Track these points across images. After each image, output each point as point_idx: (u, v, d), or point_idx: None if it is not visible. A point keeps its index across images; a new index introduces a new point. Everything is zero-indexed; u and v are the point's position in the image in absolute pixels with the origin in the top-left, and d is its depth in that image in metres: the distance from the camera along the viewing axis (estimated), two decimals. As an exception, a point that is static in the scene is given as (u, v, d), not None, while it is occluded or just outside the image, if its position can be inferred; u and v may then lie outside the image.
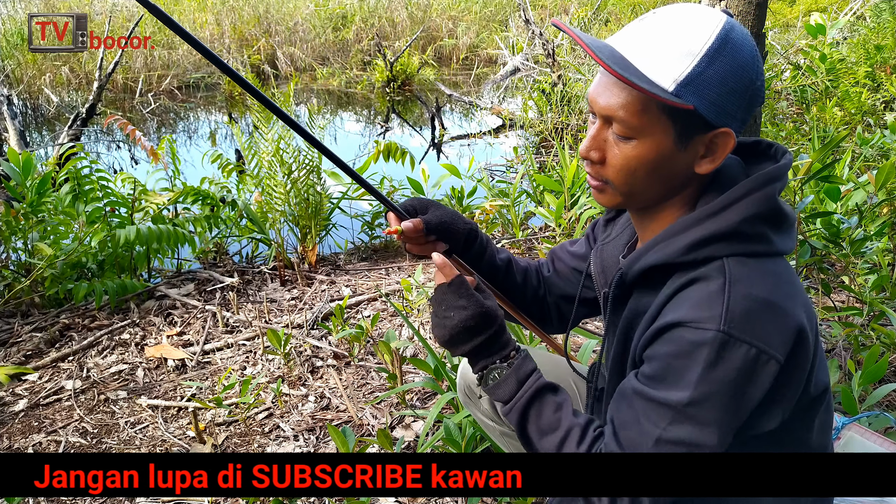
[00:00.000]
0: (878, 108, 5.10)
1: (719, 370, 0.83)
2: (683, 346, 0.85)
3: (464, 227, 1.17)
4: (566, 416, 0.98)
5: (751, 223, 0.89)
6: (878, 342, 2.03)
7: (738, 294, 0.85)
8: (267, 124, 3.20)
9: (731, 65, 0.85)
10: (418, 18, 10.86)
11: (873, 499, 1.13)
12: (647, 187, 0.94)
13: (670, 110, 0.87)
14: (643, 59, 0.86)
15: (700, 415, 0.85)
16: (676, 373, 0.86)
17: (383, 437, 1.71)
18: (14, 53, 7.92)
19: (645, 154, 0.90)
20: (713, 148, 0.91)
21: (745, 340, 0.83)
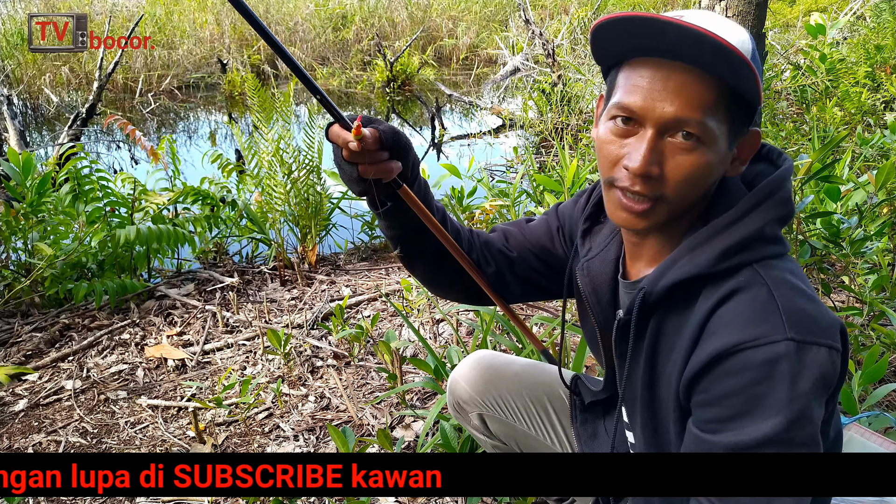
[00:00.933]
0: (878, 108, 5.09)
1: (803, 381, 0.77)
2: (757, 369, 0.78)
3: (413, 152, 1.03)
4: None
5: (772, 226, 0.86)
6: (878, 342, 2.03)
7: (785, 297, 0.80)
8: (267, 124, 3.20)
9: (760, 67, 0.85)
10: (418, 18, 10.87)
11: (873, 499, 1.13)
12: (696, 198, 0.87)
13: (732, 108, 0.82)
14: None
15: (800, 435, 0.78)
16: (759, 400, 0.78)
17: (383, 437, 1.71)
18: (14, 53, 7.92)
19: (710, 160, 0.83)
20: (743, 149, 0.88)
21: (814, 342, 0.78)
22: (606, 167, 0.88)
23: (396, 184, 0.99)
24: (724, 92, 0.81)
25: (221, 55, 9.19)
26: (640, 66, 0.84)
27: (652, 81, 0.82)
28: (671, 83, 0.81)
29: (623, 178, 0.85)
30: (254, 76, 3.54)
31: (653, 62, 0.83)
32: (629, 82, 0.84)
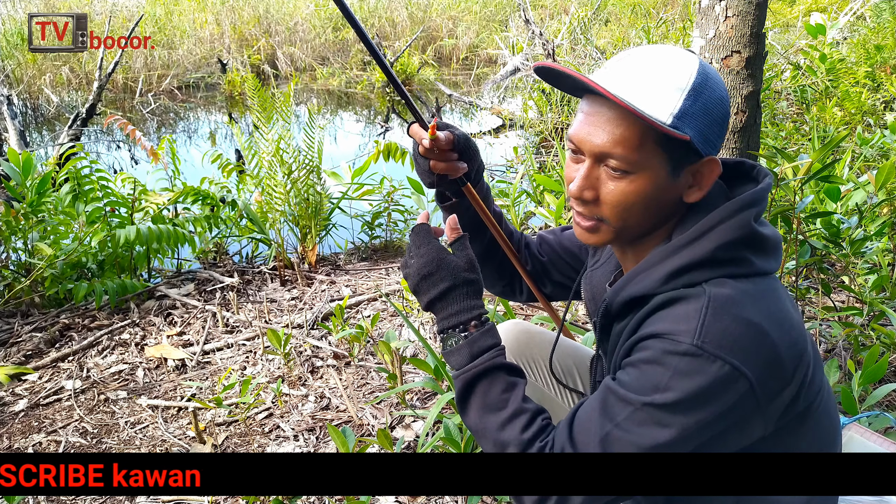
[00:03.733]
0: (878, 108, 5.10)
1: (688, 380, 0.84)
2: (656, 354, 0.86)
3: (479, 157, 1.20)
4: (516, 398, 0.96)
5: (726, 249, 0.90)
6: (878, 342, 2.03)
7: (715, 311, 0.85)
8: (267, 124, 3.20)
9: (713, 97, 0.90)
10: (418, 18, 10.87)
11: (873, 498, 1.13)
12: (641, 220, 0.95)
13: (666, 143, 0.89)
14: (637, 94, 0.88)
15: (659, 416, 0.85)
16: (646, 376, 0.87)
17: (383, 437, 1.71)
18: (14, 53, 7.92)
19: (642, 188, 0.91)
20: (700, 177, 0.94)
21: (717, 356, 0.83)
22: (566, 188, 1.01)
23: (462, 181, 1.14)
24: (649, 128, 0.88)
25: (221, 55, 9.19)
26: (584, 101, 0.95)
27: (587, 115, 0.93)
28: (601, 118, 0.91)
29: (571, 199, 0.98)
30: (254, 76, 3.54)
31: (591, 98, 0.93)
32: (578, 114, 0.95)
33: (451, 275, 1.01)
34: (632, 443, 0.86)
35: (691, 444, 0.86)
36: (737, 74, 2.01)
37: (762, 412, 0.87)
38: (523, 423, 0.93)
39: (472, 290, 1.02)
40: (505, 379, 0.98)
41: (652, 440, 0.85)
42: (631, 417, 0.86)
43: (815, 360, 0.95)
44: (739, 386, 0.84)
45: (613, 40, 7.85)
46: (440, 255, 1.02)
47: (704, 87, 0.89)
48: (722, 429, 0.87)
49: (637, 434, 0.86)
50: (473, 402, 0.97)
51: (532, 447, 0.92)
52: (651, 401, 0.85)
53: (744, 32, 1.98)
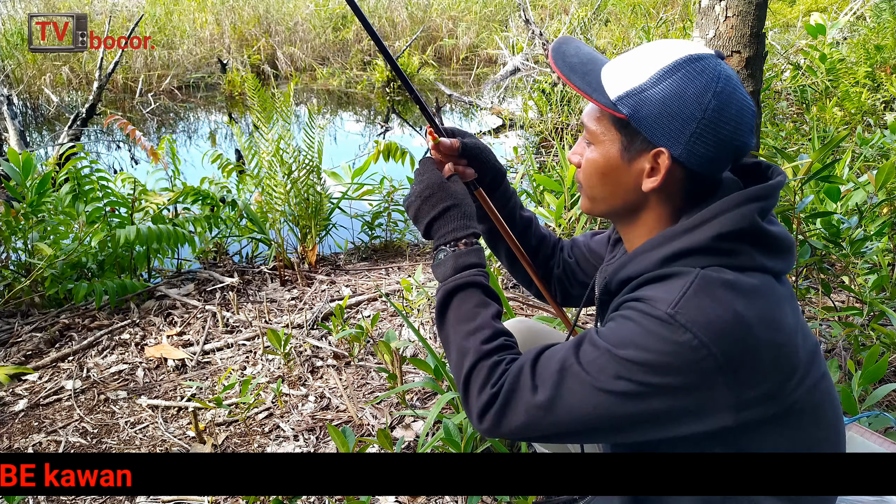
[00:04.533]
0: (878, 108, 5.10)
1: (654, 342, 0.86)
2: (633, 313, 0.90)
3: (494, 164, 1.24)
4: (486, 314, 1.01)
5: (724, 240, 0.91)
6: (878, 342, 2.03)
7: (698, 289, 0.87)
8: (267, 124, 3.20)
9: (677, 89, 0.91)
10: (418, 18, 10.86)
11: (873, 498, 1.13)
12: (604, 194, 1.01)
13: (617, 122, 0.95)
14: (608, 74, 0.96)
15: (619, 368, 0.87)
16: (618, 330, 0.90)
17: (383, 437, 1.71)
18: (14, 53, 7.92)
19: (597, 159, 0.99)
20: (656, 167, 0.95)
21: (688, 328, 0.85)
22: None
23: (473, 186, 1.18)
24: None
25: (221, 55, 9.19)
26: None
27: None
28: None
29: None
30: (254, 76, 3.54)
31: None
32: None
33: (450, 196, 1.09)
34: (586, 382, 0.89)
35: (643, 405, 0.87)
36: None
37: (727, 399, 0.87)
38: (486, 336, 0.99)
39: (467, 211, 1.10)
40: (481, 297, 1.04)
41: (605, 386, 0.88)
42: (594, 361, 0.89)
43: (815, 372, 0.93)
44: (705, 364, 0.85)
45: (613, 40, 7.85)
46: (440, 180, 1.10)
47: (671, 74, 0.91)
48: (680, 402, 0.87)
49: (593, 377, 0.89)
50: (449, 313, 1.04)
51: (489, 358, 0.97)
52: (616, 351, 0.88)
53: (744, 32, 1.98)
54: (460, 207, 1.09)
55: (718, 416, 0.88)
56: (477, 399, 0.95)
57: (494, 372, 0.96)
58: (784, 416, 0.91)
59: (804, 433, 0.94)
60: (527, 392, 0.92)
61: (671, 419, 0.89)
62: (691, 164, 0.93)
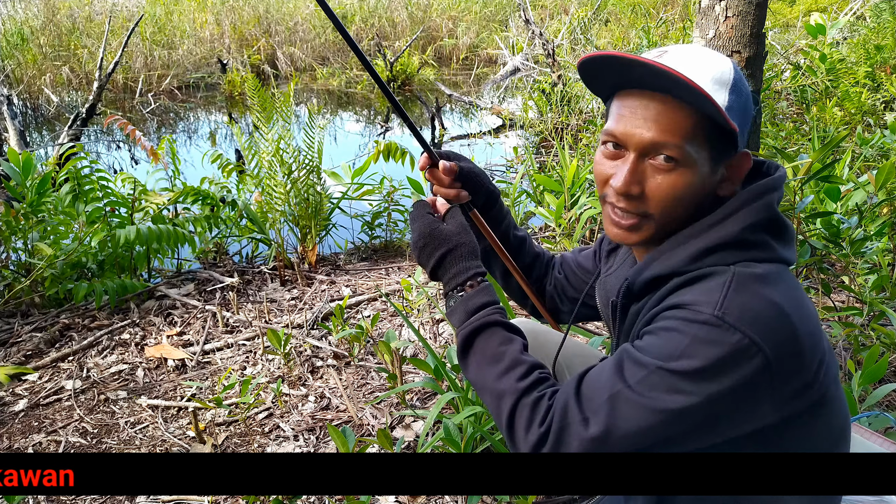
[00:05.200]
0: (878, 108, 5.09)
1: (705, 349, 0.83)
2: (676, 322, 0.86)
3: (488, 186, 1.25)
4: (513, 350, 0.98)
5: (753, 231, 0.91)
6: (878, 342, 2.03)
7: (738, 286, 0.86)
8: (267, 124, 3.20)
9: (745, 95, 0.94)
10: (418, 18, 10.87)
11: (873, 498, 1.13)
12: (683, 215, 0.95)
13: (712, 135, 0.91)
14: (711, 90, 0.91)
15: (672, 381, 0.84)
16: (664, 343, 0.86)
17: (383, 437, 1.71)
18: (14, 53, 7.92)
19: (690, 180, 0.92)
20: (732, 171, 0.96)
21: (737, 328, 0.83)
22: (599, 185, 0.99)
23: (468, 207, 1.18)
24: (702, 120, 0.90)
25: (221, 55, 9.19)
26: (626, 97, 0.94)
27: (633, 110, 0.93)
28: (649, 112, 0.91)
29: (611, 195, 0.97)
30: (254, 76, 3.54)
31: (636, 93, 0.93)
32: (616, 111, 0.95)
33: (444, 242, 1.07)
34: (641, 405, 0.85)
35: (701, 414, 0.85)
36: None
37: (774, 393, 0.86)
38: (520, 374, 0.95)
39: (465, 252, 1.07)
40: (502, 333, 1.01)
41: (662, 404, 0.84)
42: (644, 380, 0.85)
43: (831, 358, 0.94)
44: (756, 361, 0.83)
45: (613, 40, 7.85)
46: (431, 226, 1.08)
47: (740, 83, 0.93)
48: (732, 404, 0.85)
49: (648, 398, 0.85)
50: (472, 357, 1.01)
51: (529, 395, 0.93)
52: (666, 366, 0.84)
53: (744, 32, 1.98)
54: (457, 250, 1.06)
55: (766, 410, 0.88)
56: (525, 440, 0.91)
57: (538, 409, 0.91)
58: (818, 405, 0.92)
59: (831, 423, 0.96)
60: (578, 427, 0.87)
61: (727, 423, 0.88)
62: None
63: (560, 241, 3.25)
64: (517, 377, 0.95)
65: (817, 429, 0.94)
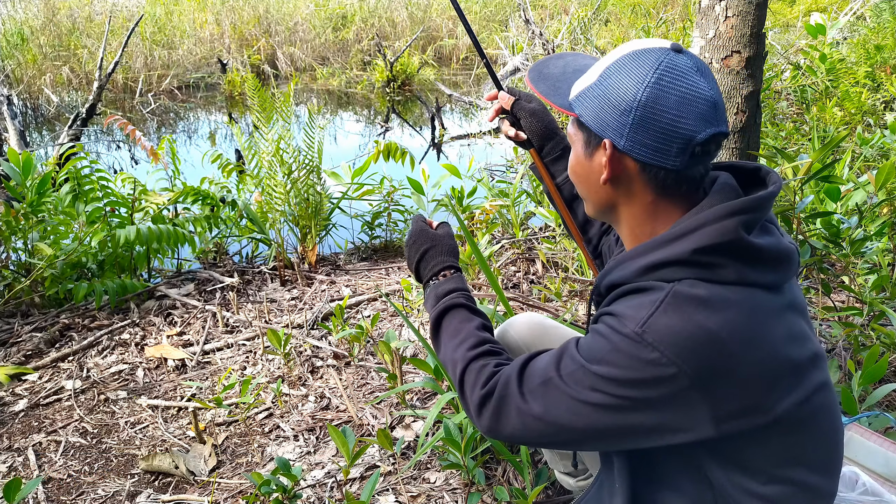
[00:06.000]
0: (878, 108, 5.09)
1: (624, 360, 0.88)
2: (605, 329, 0.92)
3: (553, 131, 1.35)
4: (471, 327, 1.11)
5: (704, 253, 0.90)
6: (878, 342, 2.03)
7: (668, 307, 0.88)
8: (267, 124, 3.20)
9: (615, 82, 0.94)
10: (418, 18, 10.86)
11: (873, 498, 1.13)
12: (585, 193, 1.06)
13: (577, 122, 1.01)
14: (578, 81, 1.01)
15: (594, 382, 0.90)
16: (593, 345, 0.93)
17: (383, 437, 1.71)
18: (14, 53, 7.92)
19: (572, 160, 1.05)
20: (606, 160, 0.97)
21: (655, 347, 0.86)
22: None
23: (528, 144, 1.36)
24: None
25: (221, 55, 9.19)
26: None
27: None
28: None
29: None
30: (254, 76, 3.54)
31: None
32: None
33: (429, 240, 1.23)
34: (567, 394, 0.93)
35: (623, 416, 0.90)
36: (737, 74, 2.00)
37: (706, 412, 0.87)
38: (471, 344, 1.08)
39: (444, 249, 1.22)
40: (464, 314, 1.14)
41: (584, 397, 0.91)
42: (572, 374, 0.93)
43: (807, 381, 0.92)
44: (677, 381, 0.86)
45: (613, 40, 7.85)
46: (422, 229, 1.25)
47: (617, 69, 0.94)
48: (658, 415, 0.89)
49: (573, 389, 0.92)
50: (440, 336, 1.14)
51: (476, 362, 1.05)
52: (589, 367, 0.91)
53: (744, 32, 1.97)
54: (438, 247, 1.22)
55: (699, 428, 0.89)
56: (471, 399, 1.02)
57: (482, 373, 1.03)
58: (770, 427, 0.91)
59: (794, 443, 0.94)
60: (517, 399, 0.97)
61: (653, 430, 0.90)
62: (638, 155, 0.93)
63: (560, 241, 3.25)
64: (468, 347, 1.07)
65: (771, 448, 0.92)
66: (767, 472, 0.93)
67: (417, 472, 1.86)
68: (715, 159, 0.99)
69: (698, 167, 0.96)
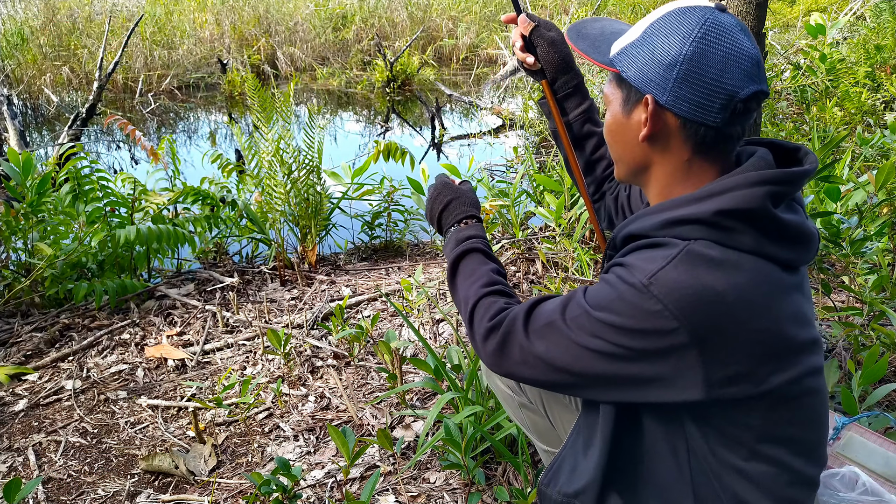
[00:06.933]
0: (878, 108, 5.09)
1: (627, 308, 0.89)
2: (614, 277, 0.93)
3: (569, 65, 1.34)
4: (485, 269, 1.15)
5: (726, 216, 0.90)
6: (878, 342, 2.03)
7: (679, 263, 0.88)
8: (267, 124, 3.20)
9: (660, 38, 0.94)
10: (418, 18, 10.86)
11: (873, 498, 1.13)
12: (619, 154, 1.05)
13: (617, 78, 1.01)
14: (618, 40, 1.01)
15: (596, 328, 0.92)
16: (600, 293, 0.95)
17: (383, 437, 1.71)
18: (14, 53, 7.92)
19: (608, 119, 1.05)
20: (646, 116, 0.97)
21: (660, 299, 0.87)
22: None
23: (540, 75, 1.34)
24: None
25: (221, 55, 9.19)
26: None
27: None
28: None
29: None
30: (254, 76, 3.54)
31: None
32: None
33: (453, 192, 1.29)
34: (568, 337, 0.95)
35: (618, 364, 0.92)
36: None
37: (698, 373, 0.88)
38: (483, 283, 1.12)
39: (467, 201, 1.28)
40: (480, 258, 1.18)
41: (584, 342, 0.94)
42: (576, 318, 0.95)
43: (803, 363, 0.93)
44: (675, 336, 0.87)
45: (613, 40, 7.83)
46: (445, 183, 1.31)
47: (660, 25, 0.95)
48: (652, 367, 0.90)
49: (575, 333, 0.94)
50: (457, 278, 1.18)
51: (487, 298, 1.09)
52: (592, 313, 0.93)
53: (744, 32, 1.97)
54: (461, 199, 1.27)
55: (689, 388, 0.90)
56: (477, 330, 1.06)
57: (491, 309, 1.07)
58: (758, 400, 0.92)
59: (778, 420, 0.95)
60: (521, 336, 1.00)
61: (645, 384, 0.92)
62: (679, 110, 0.93)
63: (560, 241, 3.25)
64: (481, 285, 1.12)
65: (756, 421, 0.93)
66: (749, 447, 0.94)
67: (417, 472, 1.86)
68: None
69: (737, 126, 0.95)
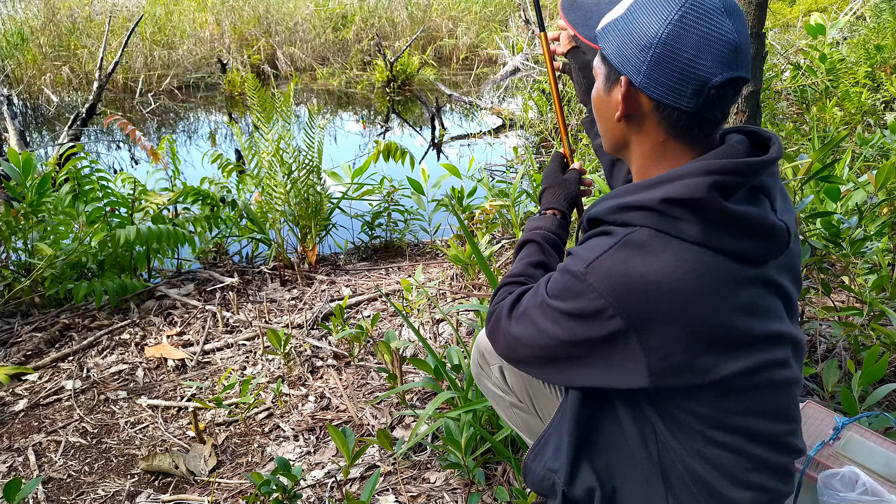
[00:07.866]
0: (878, 108, 5.09)
1: (570, 297, 0.94)
2: (563, 266, 0.98)
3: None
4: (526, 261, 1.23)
5: (672, 205, 0.90)
6: (878, 342, 2.03)
7: (615, 252, 0.91)
8: (267, 124, 3.20)
9: (638, 18, 0.93)
10: (418, 18, 10.86)
11: (873, 498, 1.13)
12: (602, 129, 1.07)
13: (602, 56, 1.01)
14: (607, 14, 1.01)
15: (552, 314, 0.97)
16: (554, 280, 0.99)
17: (383, 437, 1.71)
18: (14, 53, 7.92)
19: (594, 96, 1.05)
20: (622, 97, 0.97)
21: (595, 288, 0.90)
22: None
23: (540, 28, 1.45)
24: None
25: (221, 55, 9.19)
26: None
27: None
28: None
29: None
30: (254, 76, 3.54)
31: None
32: None
33: (551, 180, 1.38)
34: (535, 323, 1.01)
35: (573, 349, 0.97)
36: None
37: (640, 361, 0.90)
38: (515, 272, 1.21)
39: (560, 192, 1.36)
40: (533, 249, 1.26)
41: (543, 326, 0.99)
42: (538, 306, 1.01)
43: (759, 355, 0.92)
44: (614, 322, 0.90)
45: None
46: (556, 169, 1.40)
47: (637, 9, 0.94)
48: (595, 352, 0.95)
49: (539, 320, 1.00)
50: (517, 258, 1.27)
51: (504, 288, 1.17)
52: (548, 301, 0.98)
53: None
54: (554, 190, 1.36)
55: (635, 376, 0.92)
56: (487, 312, 1.15)
57: (498, 295, 1.16)
58: (706, 390, 0.93)
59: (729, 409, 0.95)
60: (505, 321, 1.07)
61: (598, 369, 0.95)
62: (653, 93, 0.93)
63: (560, 241, 3.25)
64: (510, 273, 1.20)
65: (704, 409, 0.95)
66: (701, 433, 0.96)
67: (417, 472, 1.86)
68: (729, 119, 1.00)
69: (713, 111, 0.94)
